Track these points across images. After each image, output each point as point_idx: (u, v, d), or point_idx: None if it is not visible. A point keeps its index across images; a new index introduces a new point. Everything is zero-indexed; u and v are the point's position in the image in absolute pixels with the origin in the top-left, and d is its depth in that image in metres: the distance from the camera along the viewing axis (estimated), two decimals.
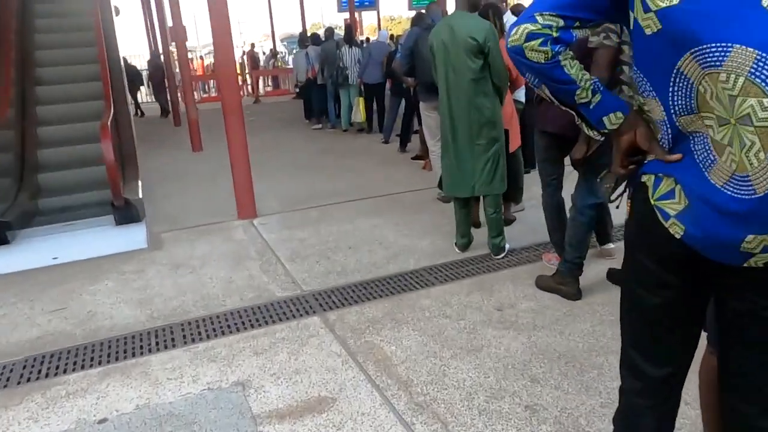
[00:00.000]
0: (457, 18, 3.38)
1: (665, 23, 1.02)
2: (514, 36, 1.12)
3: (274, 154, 7.60)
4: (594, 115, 1.19)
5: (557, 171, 3.18)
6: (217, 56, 4.63)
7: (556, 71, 1.12)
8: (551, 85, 1.16)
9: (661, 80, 1.07)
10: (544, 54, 1.10)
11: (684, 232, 1.09)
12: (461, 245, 3.71)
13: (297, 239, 4.19)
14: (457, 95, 3.35)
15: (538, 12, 1.10)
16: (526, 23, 1.10)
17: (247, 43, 28.56)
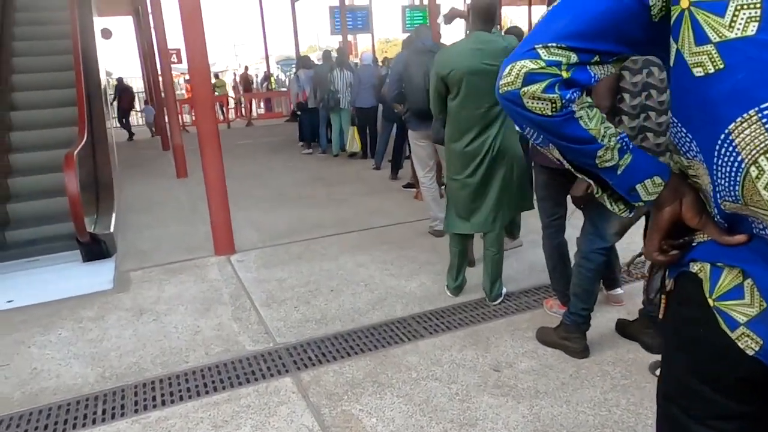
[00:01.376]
0: (484, 41, 2.96)
1: (731, 61, 0.69)
2: (508, 77, 0.78)
3: (259, 181, 7.28)
4: (623, 183, 0.86)
5: (559, 210, 2.86)
6: (192, 80, 4.33)
7: (569, 126, 0.78)
8: (562, 145, 0.82)
9: (707, 141, 0.75)
10: (550, 103, 0.76)
11: (762, 347, 0.76)
12: (454, 290, 3.36)
13: (276, 279, 3.84)
14: (482, 126, 2.99)
15: (540, 44, 0.76)
16: (523, 60, 0.77)
17: (242, 65, 28.51)
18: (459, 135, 3.07)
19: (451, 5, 8.72)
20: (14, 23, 7.36)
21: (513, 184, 3.09)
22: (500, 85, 0.80)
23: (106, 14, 13.08)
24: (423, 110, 4.15)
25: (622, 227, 2.44)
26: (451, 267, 3.35)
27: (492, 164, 3.03)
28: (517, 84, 0.77)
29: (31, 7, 7.71)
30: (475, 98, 2.97)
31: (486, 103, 2.97)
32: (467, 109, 3.01)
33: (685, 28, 0.73)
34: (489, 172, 3.04)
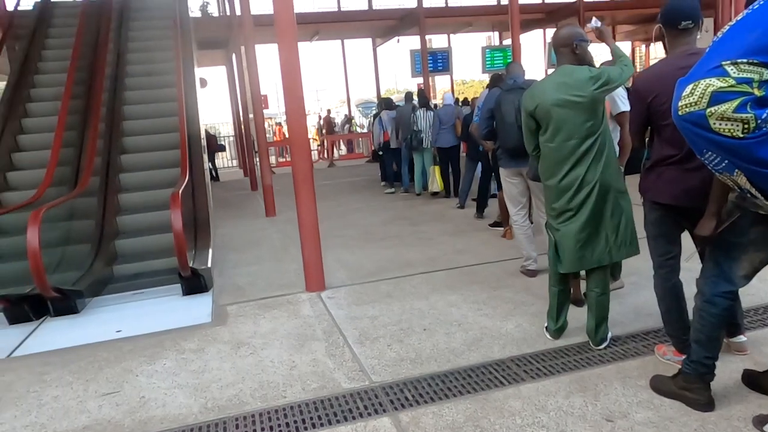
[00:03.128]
0: (569, 73, 2.91)
1: None
2: (690, 98, 0.72)
3: (344, 221, 7.41)
4: None
5: (673, 249, 2.67)
6: (289, 124, 4.51)
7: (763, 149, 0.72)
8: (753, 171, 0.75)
9: None
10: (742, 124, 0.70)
11: None
12: (554, 332, 3.21)
13: (367, 317, 3.83)
14: (576, 162, 2.89)
15: (728, 60, 0.70)
16: (708, 78, 0.71)
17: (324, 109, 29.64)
18: (553, 170, 2.99)
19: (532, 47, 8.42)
20: (126, 75, 8.04)
21: (620, 222, 2.94)
22: (680, 106, 0.75)
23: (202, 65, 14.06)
24: (515, 148, 4.11)
25: (753, 269, 2.25)
26: (551, 308, 3.21)
27: (593, 199, 2.90)
28: (702, 104, 0.72)
29: (141, 60, 8.41)
30: (565, 131, 2.89)
31: (577, 136, 2.88)
32: (557, 143, 2.93)
33: None
34: (591, 207, 2.91)
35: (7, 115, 7.02)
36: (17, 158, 6.68)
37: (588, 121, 2.84)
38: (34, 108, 7.37)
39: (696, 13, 2.45)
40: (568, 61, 2.97)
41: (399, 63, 50.14)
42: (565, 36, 2.98)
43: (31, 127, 7.10)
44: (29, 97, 7.52)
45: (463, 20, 16.96)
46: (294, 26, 4.27)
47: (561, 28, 3.11)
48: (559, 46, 2.99)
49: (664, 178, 2.56)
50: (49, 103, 7.25)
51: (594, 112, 2.86)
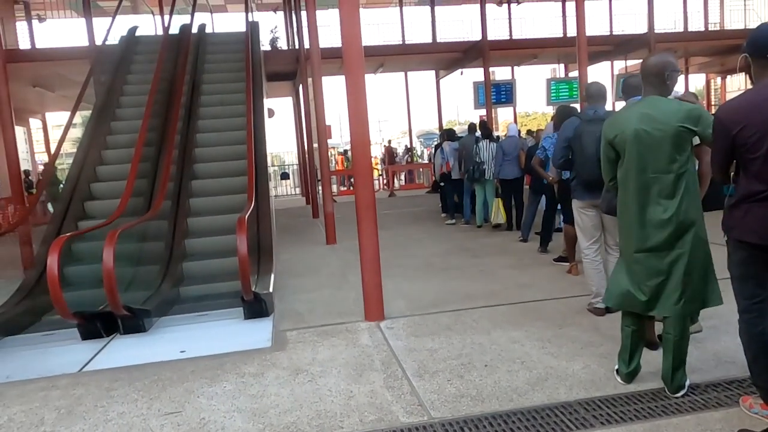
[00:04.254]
0: (654, 104, 2.82)
1: None
2: None
3: (404, 251, 7.38)
4: None
5: (762, 292, 2.47)
6: (354, 153, 4.57)
7: None
8: None
9: None
10: None
11: None
12: (626, 375, 3.02)
13: (426, 349, 3.75)
14: (656, 196, 2.78)
15: None
16: None
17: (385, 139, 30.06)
18: (629, 203, 2.86)
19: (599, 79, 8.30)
20: (200, 104, 8.45)
21: (698, 267, 2.76)
22: None
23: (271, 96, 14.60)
24: (592, 180, 3.97)
25: None
26: (623, 349, 3.03)
27: (671, 237, 2.75)
28: None
29: (214, 90, 8.82)
30: (645, 164, 2.77)
31: (657, 170, 2.75)
32: (637, 175, 2.81)
33: None
34: (668, 245, 2.76)
35: (88, 148, 7.47)
36: (95, 188, 7.07)
37: (671, 155, 2.71)
38: (113, 140, 7.82)
39: None
40: (657, 92, 2.85)
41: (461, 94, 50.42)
42: (658, 65, 2.86)
43: (110, 158, 7.52)
44: (109, 130, 8.00)
45: (528, 52, 16.86)
46: (362, 59, 4.36)
47: (652, 56, 3.00)
48: (649, 75, 2.88)
49: (752, 216, 2.39)
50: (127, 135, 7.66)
51: (678, 147, 2.72)
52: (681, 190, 2.74)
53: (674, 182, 2.74)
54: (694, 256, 2.76)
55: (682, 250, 2.75)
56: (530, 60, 18.01)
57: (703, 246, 2.79)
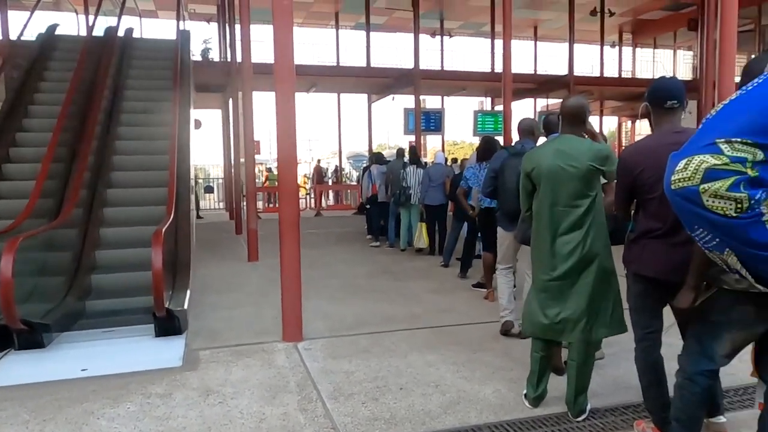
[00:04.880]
0: (568, 142, 3.00)
1: None
2: (683, 173, 0.73)
3: (327, 271, 7.35)
4: None
5: (655, 323, 2.67)
6: (280, 170, 4.53)
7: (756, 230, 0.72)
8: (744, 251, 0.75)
9: None
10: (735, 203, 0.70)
11: None
12: (533, 400, 3.14)
13: (343, 372, 3.73)
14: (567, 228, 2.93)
15: (722, 138, 0.72)
16: (702, 154, 0.72)
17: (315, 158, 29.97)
18: (542, 233, 3.02)
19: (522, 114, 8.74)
20: (122, 110, 8.10)
21: (603, 296, 2.94)
22: (672, 180, 0.76)
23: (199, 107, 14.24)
24: (512, 211, 4.18)
25: (734, 348, 2.24)
26: (531, 374, 3.15)
27: (577, 267, 2.91)
28: (696, 180, 0.73)
29: (138, 98, 8.50)
30: (557, 197, 2.94)
31: (568, 203, 2.92)
32: (549, 208, 2.98)
33: None
34: (574, 275, 2.92)
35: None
36: None
37: (581, 190, 2.89)
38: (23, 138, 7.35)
39: (681, 94, 2.54)
40: (572, 131, 3.04)
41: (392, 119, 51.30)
42: (576, 106, 3.06)
43: (18, 157, 7.05)
44: (21, 127, 7.51)
45: (458, 84, 17.48)
46: (293, 77, 4.36)
47: (571, 97, 3.20)
48: (568, 114, 3.07)
49: (649, 251, 2.59)
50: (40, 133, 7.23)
51: (587, 184, 2.90)
52: (588, 223, 2.92)
53: (583, 216, 2.91)
54: (599, 287, 2.93)
55: (587, 279, 2.91)
56: (459, 91, 18.66)
57: (608, 277, 2.97)
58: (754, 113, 0.72)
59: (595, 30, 18.91)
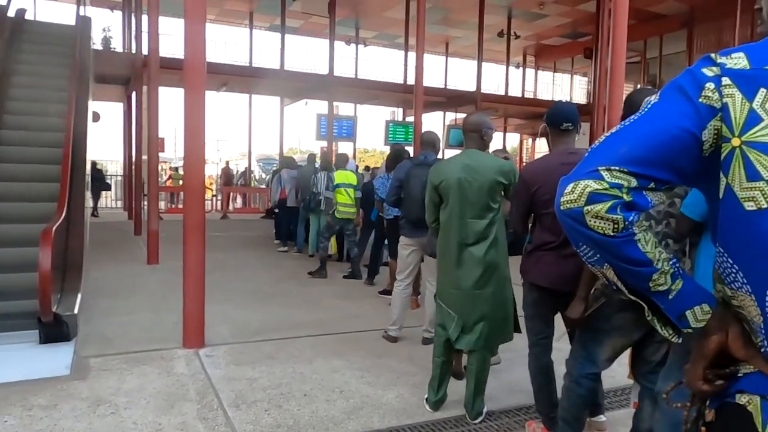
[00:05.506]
0: (474, 157, 3.14)
1: None
2: (571, 195, 0.82)
3: (233, 275, 7.17)
4: (674, 308, 0.88)
5: (547, 330, 2.86)
6: (186, 170, 4.38)
7: (629, 248, 0.82)
8: (619, 266, 0.85)
9: (758, 274, 0.78)
10: (612, 223, 0.80)
11: None
12: (434, 404, 3.25)
13: (246, 378, 3.66)
14: (471, 239, 3.05)
15: (603, 166, 0.81)
16: (586, 179, 0.81)
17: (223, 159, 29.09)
18: (450, 244, 3.13)
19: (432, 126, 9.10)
20: (9, 98, 7.45)
21: (502, 305, 3.10)
22: (561, 201, 0.84)
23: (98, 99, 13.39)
24: (416, 219, 4.30)
25: (614, 353, 2.46)
26: (432, 379, 3.26)
27: (480, 278, 3.05)
28: (581, 202, 0.81)
29: (29, 84, 7.86)
30: (464, 209, 3.07)
31: (474, 215, 3.06)
32: (457, 219, 3.09)
33: (736, 164, 0.79)
34: (477, 285, 3.06)
35: None
36: None
37: (486, 203, 3.04)
38: None
39: (575, 118, 2.76)
40: (475, 146, 3.20)
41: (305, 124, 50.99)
42: (476, 122, 3.22)
43: None
44: None
45: (371, 93, 17.70)
46: (203, 74, 4.24)
47: (472, 114, 3.36)
48: (469, 130, 3.22)
49: (543, 263, 2.77)
50: None
51: (492, 197, 3.06)
52: (491, 235, 3.07)
53: (487, 227, 3.07)
54: (498, 296, 3.10)
55: (489, 289, 3.07)
56: (372, 100, 18.91)
57: (507, 287, 3.15)
58: (630, 146, 0.82)
59: (501, 51, 19.93)
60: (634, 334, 2.38)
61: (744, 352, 0.84)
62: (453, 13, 17.69)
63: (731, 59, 0.82)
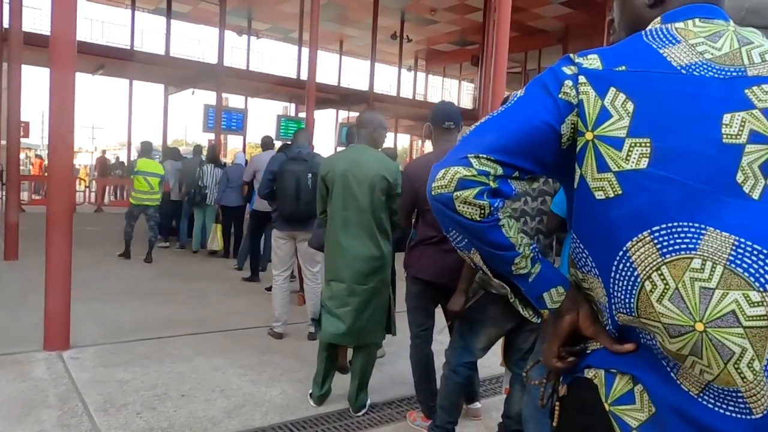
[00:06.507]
0: (362, 152, 3.15)
1: (628, 189, 0.82)
2: (441, 181, 0.84)
3: (107, 272, 6.67)
4: (533, 290, 0.94)
5: (428, 322, 2.96)
6: (51, 157, 4.00)
7: (493, 233, 0.86)
8: (485, 251, 0.89)
9: (604, 258, 0.85)
10: (480, 209, 0.83)
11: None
12: (318, 398, 3.23)
13: (116, 381, 3.42)
14: (354, 233, 3.05)
15: (472, 154, 0.84)
16: (456, 166, 0.84)
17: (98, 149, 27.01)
18: (334, 237, 3.13)
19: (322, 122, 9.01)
20: None
21: (386, 300, 3.15)
22: (433, 187, 0.86)
23: None
24: (291, 213, 4.25)
25: (489, 342, 2.59)
26: (317, 374, 3.24)
27: (365, 272, 3.07)
28: (450, 188, 0.84)
29: None
30: (348, 202, 3.08)
31: (358, 208, 3.07)
32: (341, 212, 3.10)
33: (588, 156, 0.86)
34: (362, 279, 3.08)
35: None
36: None
37: (370, 197, 3.07)
38: None
39: (457, 117, 2.88)
40: (365, 142, 3.22)
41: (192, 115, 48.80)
42: (368, 119, 3.25)
43: None
44: None
45: (263, 86, 17.31)
46: (72, 52, 3.89)
47: (366, 111, 3.39)
48: (360, 126, 3.24)
49: (425, 257, 2.86)
50: None
51: (378, 192, 3.09)
52: (376, 229, 3.11)
53: (371, 221, 3.10)
54: (383, 291, 3.14)
55: (373, 284, 3.10)
56: (264, 94, 18.52)
57: (390, 282, 3.20)
58: (497, 135, 0.87)
59: (394, 53, 20.34)
60: (507, 324, 2.53)
61: (592, 330, 0.91)
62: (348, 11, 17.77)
63: (587, 60, 0.89)
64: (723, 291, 0.75)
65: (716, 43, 0.85)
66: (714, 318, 0.75)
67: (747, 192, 0.78)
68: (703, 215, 0.77)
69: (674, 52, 0.84)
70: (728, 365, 0.74)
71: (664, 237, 0.79)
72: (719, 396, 0.76)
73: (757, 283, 0.74)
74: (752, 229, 0.76)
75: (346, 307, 3.07)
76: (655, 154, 0.80)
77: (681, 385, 0.80)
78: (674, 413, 0.80)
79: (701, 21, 0.88)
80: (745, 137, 0.79)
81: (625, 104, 0.83)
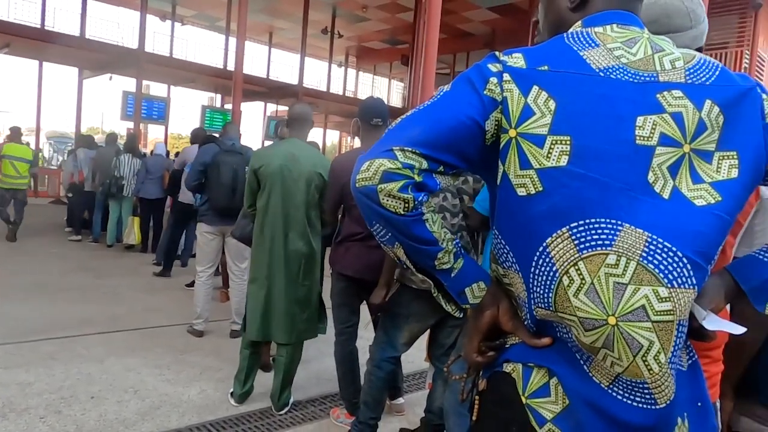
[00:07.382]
0: (298, 147, 3.08)
1: (549, 185, 0.84)
2: (366, 173, 0.82)
3: (12, 268, 6.20)
4: (455, 285, 0.94)
5: (353, 318, 2.95)
6: None
7: (417, 227, 0.85)
8: (408, 245, 0.88)
9: (525, 254, 0.87)
10: (404, 202, 0.82)
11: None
12: (239, 396, 3.15)
13: (17, 383, 3.17)
14: (288, 229, 2.99)
15: (397, 146, 0.83)
16: (381, 158, 0.83)
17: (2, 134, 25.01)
18: (266, 232, 3.04)
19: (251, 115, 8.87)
20: None
21: (314, 295, 3.11)
22: (357, 179, 0.84)
23: None
24: (224, 207, 4.10)
25: (411, 337, 2.62)
26: (239, 371, 3.15)
27: (296, 268, 3.02)
28: (375, 180, 0.83)
29: None
30: (283, 197, 3.02)
31: (293, 204, 3.02)
32: (275, 207, 3.03)
33: (512, 153, 0.87)
34: (292, 276, 3.03)
35: None
36: None
37: (305, 192, 3.02)
38: None
39: (384, 114, 2.88)
40: (297, 135, 3.15)
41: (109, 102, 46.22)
42: (304, 112, 3.19)
43: None
44: None
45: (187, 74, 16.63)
46: None
47: (298, 104, 3.32)
48: (295, 119, 3.17)
49: (351, 253, 2.85)
50: None
51: (310, 187, 3.04)
52: (308, 225, 3.06)
53: (304, 217, 3.05)
54: (312, 288, 3.10)
55: (305, 281, 3.05)
56: (188, 83, 17.80)
57: (317, 278, 3.17)
58: (422, 129, 0.86)
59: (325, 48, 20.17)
60: (430, 319, 2.56)
61: (511, 325, 0.93)
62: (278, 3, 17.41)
63: (512, 58, 0.90)
64: (635, 286, 0.78)
65: (632, 48, 0.88)
66: (626, 312, 0.78)
67: (658, 191, 0.81)
68: (619, 212, 0.81)
69: (593, 55, 0.87)
70: (636, 358, 0.78)
71: (581, 233, 0.81)
72: (627, 387, 0.80)
73: (666, 279, 0.78)
74: (663, 227, 0.80)
75: (276, 304, 3.00)
76: (575, 152, 0.82)
77: (593, 377, 0.83)
78: (585, 405, 0.83)
79: (618, 27, 0.92)
80: (656, 139, 0.83)
81: (547, 102, 0.85)
